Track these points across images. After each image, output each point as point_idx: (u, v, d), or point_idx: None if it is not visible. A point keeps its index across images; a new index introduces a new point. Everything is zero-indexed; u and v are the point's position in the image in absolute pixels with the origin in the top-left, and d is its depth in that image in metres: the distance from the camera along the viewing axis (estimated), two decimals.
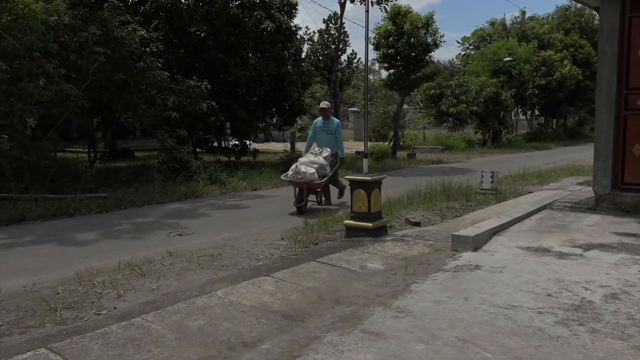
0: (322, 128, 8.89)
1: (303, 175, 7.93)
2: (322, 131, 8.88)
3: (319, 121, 9.00)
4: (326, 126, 8.88)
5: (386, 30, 19.62)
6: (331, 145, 8.80)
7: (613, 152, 7.29)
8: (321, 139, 8.88)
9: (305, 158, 8.36)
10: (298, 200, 8.18)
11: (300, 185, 8.06)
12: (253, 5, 15.39)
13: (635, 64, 7.16)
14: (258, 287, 4.14)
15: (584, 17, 38.47)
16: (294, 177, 7.99)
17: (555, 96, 33.28)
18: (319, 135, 8.93)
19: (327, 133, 8.85)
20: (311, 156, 8.35)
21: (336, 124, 8.96)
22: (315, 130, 8.99)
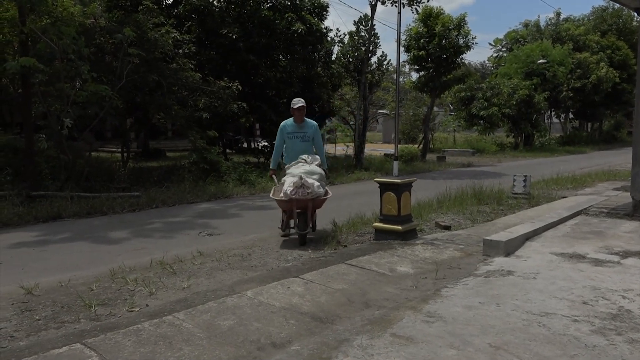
0: (295, 133, 6.51)
1: (311, 189, 5.85)
2: (294, 138, 6.50)
3: (289, 125, 6.55)
4: (300, 131, 6.50)
5: (417, 32, 19.48)
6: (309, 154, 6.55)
7: None
8: (294, 148, 6.48)
9: (298, 168, 6.17)
10: (301, 225, 6.03)
11: (304, 204, 5.93)
12: (284, 8, 15.49)
13: None
14: (287, 288, 4.15)
15: (621, 18, 37.43)
16: (298, 193, 5.84)
17: (591, 99, 32.43)
18: (291, 143, 6.51)
19: (302, 140, 6.51)
20: (305, 165, 6.22)
21: (314, 128, 6.60)
22: (284, 137, 6.55)
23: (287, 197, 5.82)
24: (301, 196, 5.81)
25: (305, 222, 6.00)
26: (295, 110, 6.50)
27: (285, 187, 5.86)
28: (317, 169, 6.22)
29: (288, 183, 5.87)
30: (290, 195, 5.79)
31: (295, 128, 6.56)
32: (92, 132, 11.93)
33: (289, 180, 5.90)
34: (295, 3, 15.73)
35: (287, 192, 5.80)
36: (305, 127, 6.59)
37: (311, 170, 6.13)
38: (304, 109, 6.51)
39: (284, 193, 5.84)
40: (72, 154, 10.56)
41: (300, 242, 6.03)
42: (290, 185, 5.84)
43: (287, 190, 5.83)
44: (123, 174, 11.41)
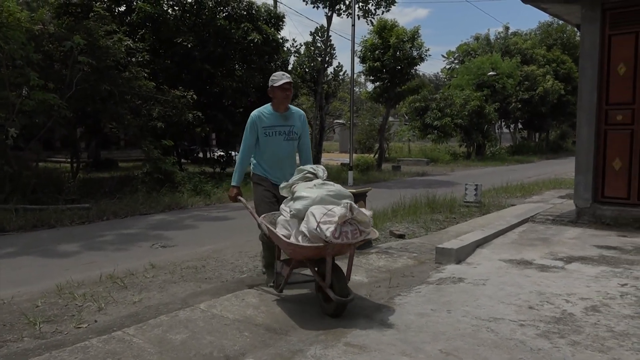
0: (276, 128, 4.42)
1: (365, 225, 3.60)
2: (275, 134, 4.42)
3: (267, 114, 4.44)
4: (285, 123, 4.45)
5: (372, 43, 19.83)
6: (292, 162, 4.63)
7: (594, 166, 7.42)
8: (274, 151, 4.48)
9: (321, 189, 3.80)
10: (340, 287, 3.65)
11: (341, 251, 3.67)
12: (240, 17, 15.47)
13: (614, 81, 7.31)
14: (242, 299, 4.12)
15: (565, 33, 39.27)
16: (347, 235, 3.50)
17: (538, 110, 33.78)
18: (270, 143, 4.44)
19: (287, 138, 4.47)
20: (329, 186, 3.88)
21: (302, 120, 4.62)
22: (256, 134, 4.45)
23: (329, 241, 3.43)
24: (352, 239, 3.49)
25: (344, 281, 3.70)
26: (277, 91, 4.31)
27: (314, 225, 3.48)
28: (345, 190, 3.94)
29: (319, 216, 3.48)
30: (333, 239, 3.41)
31: (277, 119, 4.40)
32: (39, 142, 11.53)
33: (318, 212, 3.51)
34: (252, 13, 15.74)
35: (328, 234, 3.40)
36: (291, 118, 4.46)
37: (340, 193, 3.80)
38: (291, 88, 4.40)
39: (324, 235, 3.43)
40: (17, 165, 10.15)
41: (334, 313, 3.69)
42: (328, 221, 3.46)
43: (323, 230, 3.43)
44: (72, 185, 11.05)
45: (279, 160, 4.53)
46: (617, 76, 7.29)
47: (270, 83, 4.43)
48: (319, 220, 3.48)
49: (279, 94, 4.38)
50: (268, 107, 4.53)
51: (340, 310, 3.70)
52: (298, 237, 3.69)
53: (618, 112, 7.29)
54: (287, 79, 4.39)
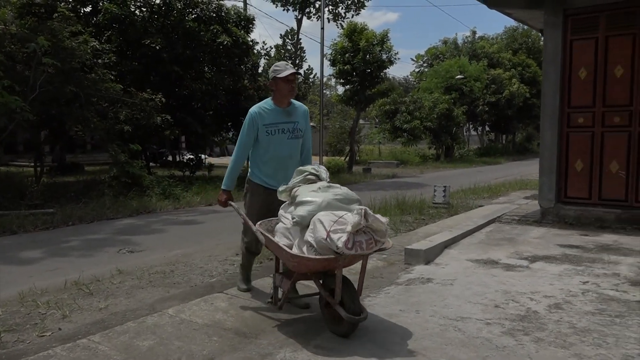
0: (280, 125, 4.01)
1: (381, 233, 3.19)
2: (278, 132, 4.00)
3: (268, 110, 4.02)
4: (288, 120, 4.04)
5: (342, 46, 19.92)
6: (296, 163, 4.09)
7: (557, 168, 7.62)
8: (277, 151, 4.03)
9: (327, 192, 3.41)
10: (354, 304, 3.28)
11: (351, 262, 3.39)
12: (209, 19, 15.35)
13: (576, 84, 7.54)
14: (211, 304, 4.08)
15: (530, 38, 40.23)
16: (361, 245, 3.10)
17: (505, 113, 34.51)
18: (272, 142, 4.01)
19: (291, 137, 4.05)
20: (335, 189, 3.49)
21: (306, 116, 4.19)
22: (256, 132, 4.01)
23: (341, 252, 3.06)
24: (367, 250, 3.12)
25: (357, 296, 3.35)
26: (282, 83, 3.89)
27: (323, 235, 3.09)
28: (352, 193, 3.51)
29: (329, 224, 3.10)
30: (346, 250, 3.03)
31: (279, 115, 3.99)
32: (1, 146, 11.18)
33: (327, 220, 3.13)
34: (221, 15, 15.63)
35: (340, 245, 3.02)
36: (295, 113, 4.07)
37: (348, 197, 3.42)
38: (296, 80, 4.04)
39: (335, 246, 3.05)
40: None
41: (345, 333, 3.33)
42: (340, 229, 3.07)
43: (334, 240, 3.05)
44: (36, 189, 10.74)
45: (282, 161, 4.04)
46: (579, 80, 7.51)
47: (273, 74, 3.93)
48: (329, 229, 3.08)
49: (283, 86, 3.92)
50: (269, 102, 4.06)
51: (352, 330, 3.32)
52: (302, 248, 3.28)
53: (579, 115, 7.52)
54: (292, 69, 3.95)
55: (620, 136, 7.20)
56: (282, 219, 3.64)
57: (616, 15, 7.20)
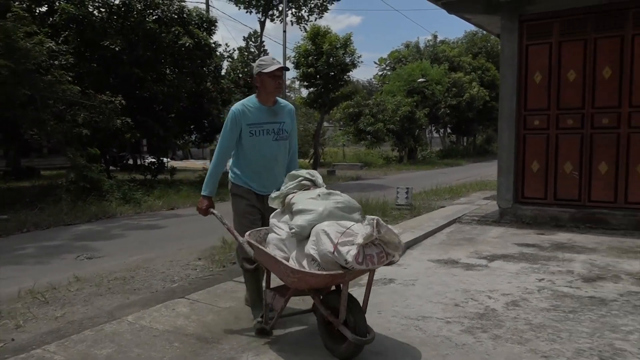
0: (265, 125, 3.65)
1: (394, 245, 2.90)
2: (263, 133, 3.65)
3: (252, 108, 3.65)
4: (274, 120, 3.69)
5: (306, 49, 19.99)
6: (282, 167, 3.82)
7: (514, 169, 7.85)
8: (262, 154, 3.68)
9: (327, 200, 3.10)
10: (360, 325, 2.95)
11: (357, 276, 3.23)
12: (171, 21, 15.12)
13: (531, 88, 7.79)
14: (172, 309, 4.02)
15: (489, 42, 41.23)
16: (371, 259, 2.78)
17: (465, 115, 35.26)
18: (256, 144, 3.65)
19: (276, 138, 3.70)
20: (336, 196, 3.18)
21: (292, 115, 3.86)
22: (239, 132, 3.64)
23: (350, 267, 2.74)
24: (379, 263, 2.82)
25: (362, 314, 3.01)
26: (267, 79, 3.57)
27: (329, 248, 2.77)
28: (354, 201, 3.21)
29: (335, 236, 2.79)
30: (356, 265, 2.72)
31: (265, 115, 3.64)
32: None
33: (333, 231, 2.82)
34: (183, 17, 15.43)
35: (349, 259, 2.70)
36: (281, 112, 3.73)
37: (350, 205, 3.13)
38: (282, 75, 3.81)
39: (344, 260, 2.72)
40: None
41: (349, 355, 3.02)
42: (348, 242, 2.77)
43: (343, 253, 2.72)
44: None
45: (268, 165, 3.70)
46: (534, 84, 7.76)
47: (257, 69, 3.60)
48: (337, 242, 2.76)
49: (269, 82, 3.58)
50: (252, 99, 3.68)
51: (357, 352, 3.01)
52: (302, 262, 2.94)
53: (535, 118, 7.76)
54: (279, 63, 3.62)
55: (573, 138, 7.46)
56: (275, 229, 3.27)
57: (568, 21, 7.47)
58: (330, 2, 18.68)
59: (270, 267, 3.18)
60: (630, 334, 3.44)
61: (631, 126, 7.08)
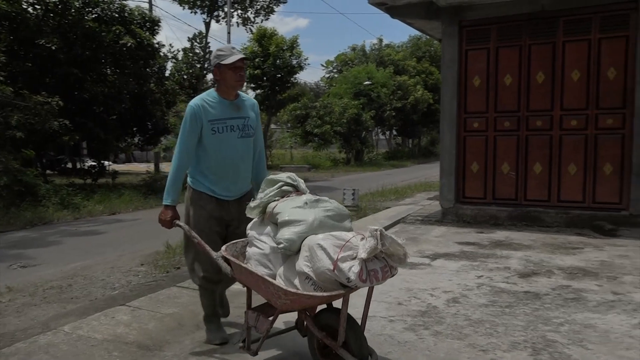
0: (228, 122, 3.31)
1: (400, 257, 2.56)
2: (226, 130, 3.30)
3: (213, 103, 3.29)
4: (238, 115, 3.36)
5: (252, 51, 19.89)
6: (249, 168, 3.50)
7: (455, 170, 8.10)
8: (227, 154, 3.32)
9: (307, 212, 2.72)
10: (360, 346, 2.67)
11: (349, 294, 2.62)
12: (111, 20, 14.66)
13: (471, 91, 8.06)
14: (112, 318, 3.89)
15: (433, 46, 42.36)
16: (376, 274, 2.49)
17: (410, 118, 36.07)
18: (219, 141, 3.29)
19: (241, 135, 3.36)
20: (326, 202, 2.86)
21: (256, 110, 3.54)
22: (200, 130, 3.26)
23: (353, 286, 2.47)
24: (383, 279, 2.54)
25: (362, 334, 2.74)
26: (228, 71, 3.23)
27: (328, 264, 2.46)
28: (343, 207, 2.93)
29: (333, 250, 2.49)
30: (360, 282, 2.44)
31: (227, 110, 3.30)
32: None
33: (330, 245, 2.51)
34: (124, 16, 14.99)
35: (352, 277, 2.41)
36: (244, 107, 3.40)
37: (340, 212, 2.86)
38: (244, 67, 3.36)
39: (346, 278, 2.43)
40: None
41: None
42: (348, 256, 2.48)
43: (344, 270, 2.43)
44: None
45: (233, 165, 3.32)
46: (473, 87, 8.04)
47: (216, 60, 3.25)
48: (337, 258, 2.45)
49: (229, 75, 3.24)
50: (212, 93, 3.33)
51: None
52: (292, 280, 2.62)
53: (475, 120, 8.04)
54: (240, 53, 3.27)
55: (510, 139, 7.79)
56: (256, 242, 2.85)
57: (505, 28, 7.79)
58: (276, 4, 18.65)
59: (254, 287, 2.80)
60: (561, 325, 3.62)
61: (562, 128, 7.46)
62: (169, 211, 3.28)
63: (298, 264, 2.60)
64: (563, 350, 3.20)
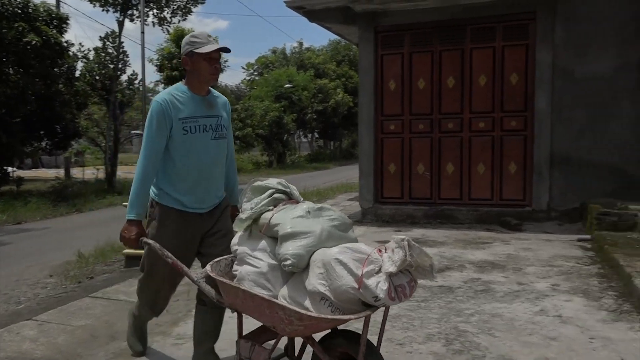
0: (200, 120, 2.83)
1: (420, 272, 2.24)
2: (200, 130, 2.82)
3: (183, 99, 2.80)
4: (211, 113, 2.88)
5: (170, 52, 19.36)
6: (222, 174, 3.05)
7: (373, 171, 8.33)
8: (201, 156, 2.84)
9: (312, 222, 2.38)
10: None
11: None
12: (13, 16, 13.68)
13: (387, 95, 8.33)
14: (16, 334, 3.64)
15: (352, 50, 43.28)
16: (406, 292, 2.18)
17: (331, 121, 36.65)
18: (191, 143, 2.80)
19: (215, 136, 2.89)
20: (329, 211, 2.52)
21: (228, 109, 3.07)
22: (172, 129, 2.76)
23: (382, 305, 2.16)
24: (410, 295, 2.24)
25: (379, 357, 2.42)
26: (202, 61, 2.77)
27: (351, 282, 2.14)
28: (344, 215, 2.63)
29: (355, 265, 2.17)
30: (389, 301, 2.12)
31: (200, 106, 2.86)
32: None
33: (349, 259, 2.19)
34: (28, 12, 14.04)
35: (381, 295, 2.08)
36: (216, 105, 2.95)
37: (344, 222, 2.54)
38: (219, 58, 2.90)
39: (373, 297, 2.10)
40: None
41: None
42: (372, 271, 2.15)
43: (371, 288, 2.10)
44: None
45: (207, 172, 2.86)
46: (389, 91, 8.32)
47: (188, 47, 2.78)
48: (362, 273, 2.14)
49: (204, 66, 2.77)
50: (181, 87, 2.85)
51: None
52: (302, 302, 2.26)
53: (391, 123, 8.32)
54: (216, 43, 2.80)
55: (424, 141, 8.13)
56: (250, 260, 2.46)
57: (418, 34, 8.13)
58: (194, 4, 18.23)
59: (252, 312, 2.37)
60: (472, 316, 3.83)
61: (471, 130, 7.90)
62: (134, 227, 2.74)
63: (310, 283, 2.24)
64: (473, 339, 3.39)
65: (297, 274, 2.34)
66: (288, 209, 2.49)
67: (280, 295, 2.35)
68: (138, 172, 2.76)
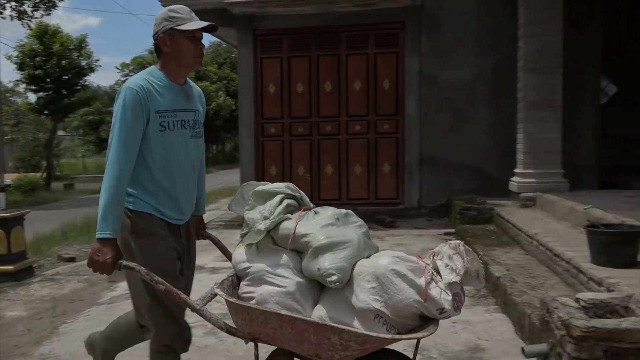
0: (179, 112, 2.28)
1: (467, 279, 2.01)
2: (179, 126, 2.27)
3: (161, 84, 2.23)
4: (189, 106, 2.33)
5: (31, 49, 17.76)
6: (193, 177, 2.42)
7: (255, 174, 8.35)
8: (180, 157, 2.28)
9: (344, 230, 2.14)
10: None
11: None
12: None
13: (267, 98, 8.40)
14: None
15: (233, 53, 42.91)
16: (462, 299, 2.01)
17: (214, 124, 35.97)
18: (169, 141, 2.24)
19: (194, 134, 2.35)
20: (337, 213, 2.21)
21: (204, 103, 2.49)
22: (148, 123, 2.18)
23: (447, 316, 1.97)
24: (463, 304, 2.04)
25: None
26: (186, 40, 2.24)
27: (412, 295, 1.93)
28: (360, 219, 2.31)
29: (415, 275, 1.98)
30: (454, 312, 1.96)
31: (178, 98, 2.31)
32: None
33: (405, 269, 1.98)
34: None
35: (447, 307, 1.93)
36: (192, 96, 2.41)
37: (367, 228, 2.30)
38: (202, 38, 2.38)
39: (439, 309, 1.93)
40: None
41: None
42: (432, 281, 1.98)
43: (436, 299, 1.93)
44: None
45: (185, 176, 2.34)
46: (269, 94, 8.39)
47: (167, 23, 2.24)
48: (425, 284, 1.94)
49: (187, 47, 2.26)
50: (156, 72, 2.29)
51: None
52: (350, 322, 1.95)
53: (271, 126, 8.40)
54: (202, 22, 2.30)
55: (304, 144, 8.32)
56: (271, 279, 2.08)
57: (296, 39, 8.30)
58: None
59: (287, 340, 1.96)
60: None
61: (348, 133, 8.23)
62: (108, 248, 2.08)
63: (361, 300, 1.96)
64: None
65: (331, 290, 2.05)
66: (312, 216, 2.18)
67: (316, 317, 2.02)
68: (110, 176, 2.13)
